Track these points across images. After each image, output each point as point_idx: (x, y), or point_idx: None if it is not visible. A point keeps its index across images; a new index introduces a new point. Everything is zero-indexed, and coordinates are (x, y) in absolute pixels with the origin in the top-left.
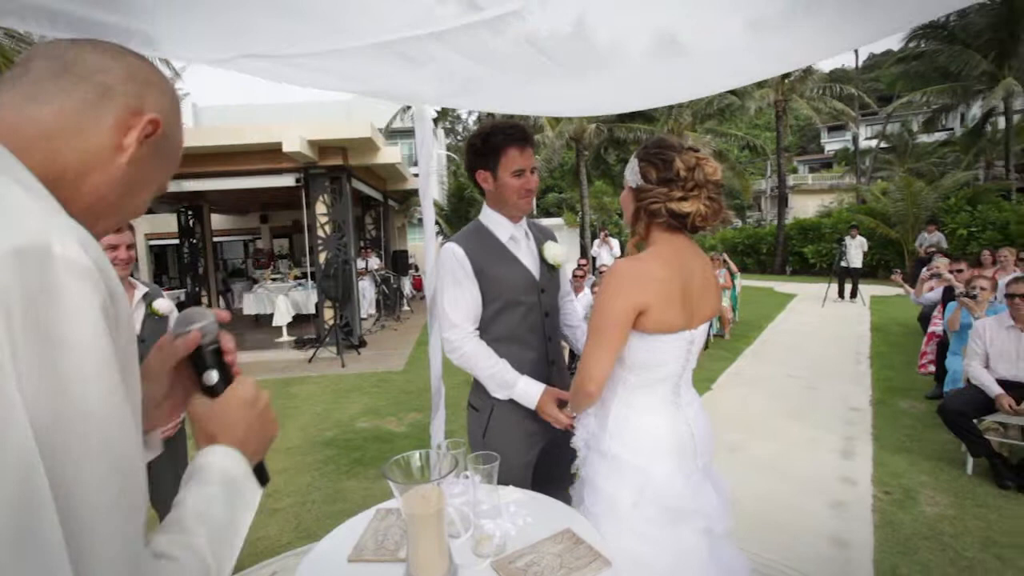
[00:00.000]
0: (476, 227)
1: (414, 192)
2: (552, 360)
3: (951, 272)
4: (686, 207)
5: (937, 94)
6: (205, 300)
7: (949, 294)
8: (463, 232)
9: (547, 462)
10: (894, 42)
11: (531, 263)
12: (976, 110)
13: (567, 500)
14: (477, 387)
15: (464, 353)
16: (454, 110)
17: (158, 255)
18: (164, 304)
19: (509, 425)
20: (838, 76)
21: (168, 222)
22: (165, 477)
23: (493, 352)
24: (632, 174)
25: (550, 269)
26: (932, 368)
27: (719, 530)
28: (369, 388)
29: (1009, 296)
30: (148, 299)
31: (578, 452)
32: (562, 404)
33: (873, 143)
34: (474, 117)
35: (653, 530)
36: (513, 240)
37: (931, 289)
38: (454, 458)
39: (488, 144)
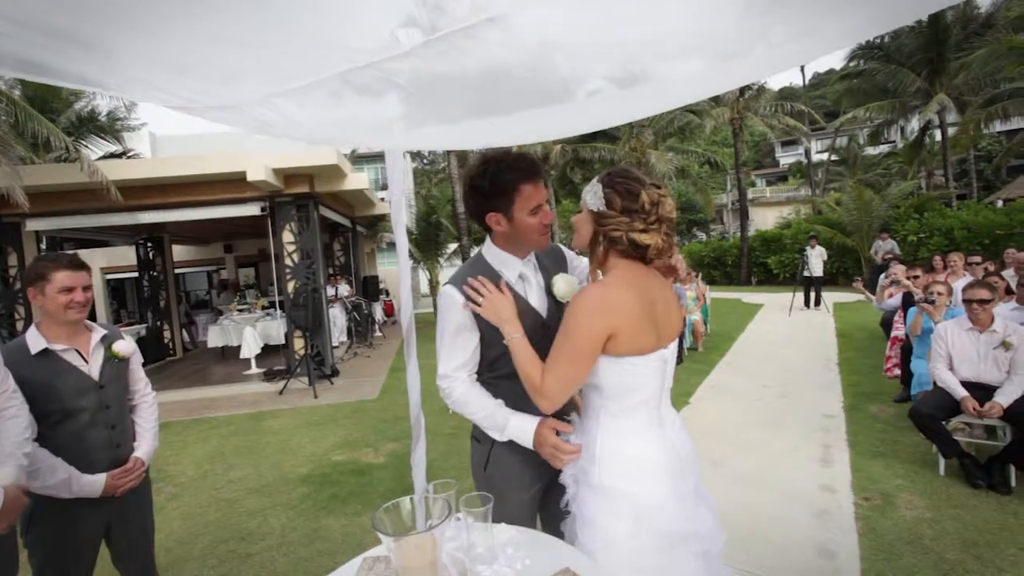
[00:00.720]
0: (481, 267)
1: (382, 217)
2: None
3: (908, 278)
4: (647, 239)
5: (878, 110)
6: (167, 334)
7: (908, 299)
8: (466, 273)
9: (553, 496)
10: (836, 61)
11: (539, 302)
12: (915, 124)
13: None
14: None
15: (455, 400)
16: None
17: (116, 289)
18: (125, 346)
19: (512, 457)
20: (787, 94)
21: (126, 255)
22: (132, 527)
23: (485, 393)
24: (594, 198)
25: (558, 303)
26: (898, 372)
27: (715, 551)
28: (343, 419)
29: (966, 301)
30: (107, 341)
31: (567, 488)
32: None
33: (824, 156)
34: None
35: (651, 559)
36: (522, 279)
37: (891, 295)
38: (446, 503)
39: (498, 184)
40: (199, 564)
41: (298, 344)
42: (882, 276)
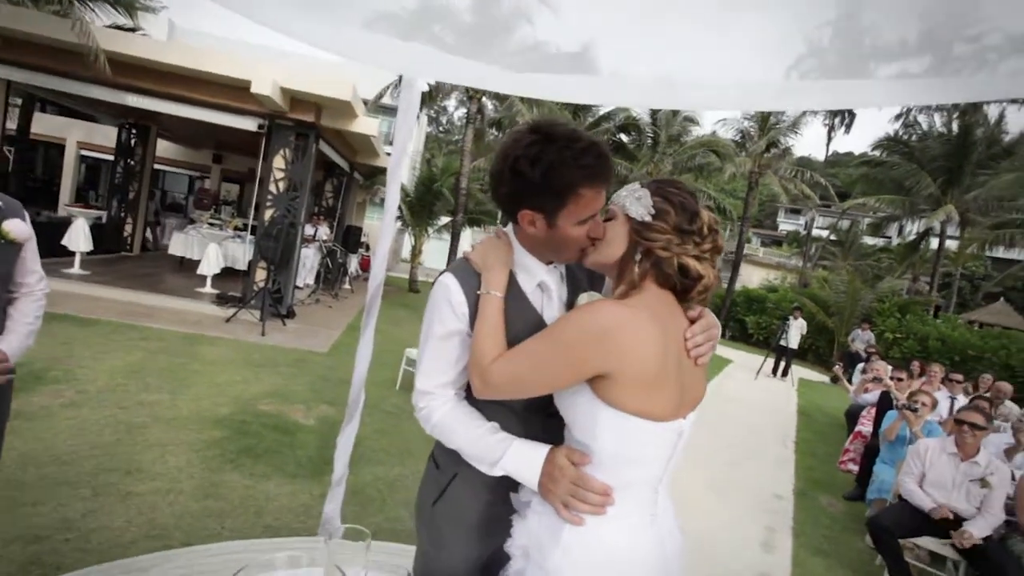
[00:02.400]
0: None
1: (383, 170)
2: (549, 442)
3: (892, 379)
4: (700, 269)
5: (888, 203)
6: (129, 228)
7: (885, 399)
8: (471, 267)
9: (502, 564)
10: (858, 146)
11: (553, 320)
12: (917, 226)
13: None
14: None
15: (435, 424)
16: (443, 97)
17: (91, 168)
18: (19, 228)
19: (475, 499)
20: (804, 163)
21: (108, 135)
22: None
23: (475, 413)
24: (637, 205)
25: None
26: (853, 467)
27: None
28: (284, 366)
29: (958, 422)
30: None
31: (513, 559)
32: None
33: (824, 233)
34: (461, 113)
35: None
36: (541, 289)
37: (868, 390)
38: (339, 571)
39: (553, 181)
40: (69, 491)
41: (260, 275)
42: (860, 366)
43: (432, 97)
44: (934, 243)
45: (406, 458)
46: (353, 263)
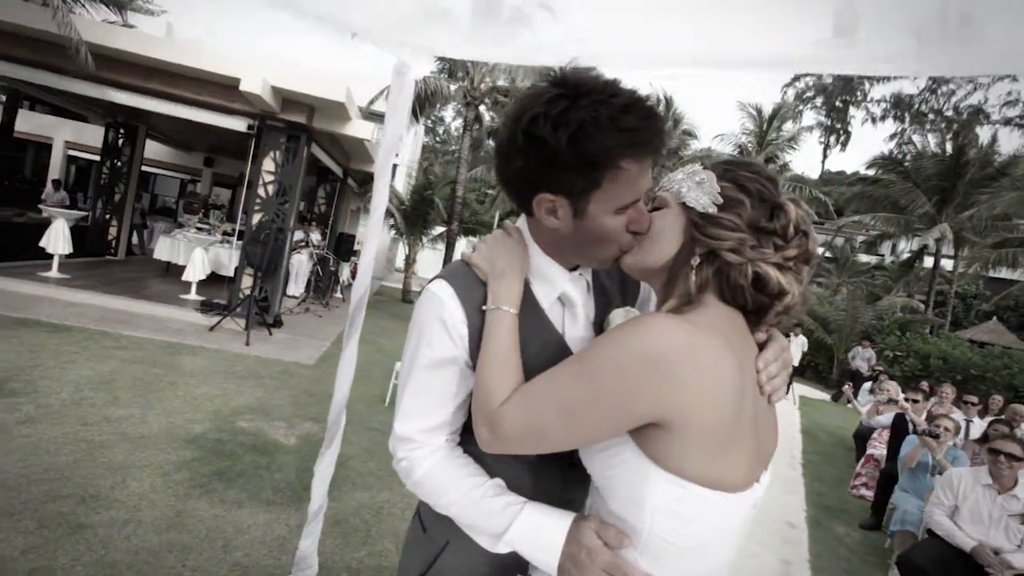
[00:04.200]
0: None
1: None
2: (570, 499)
3: (908, 401)
4: (783, 282)
5: (884, 221)
6: (114, 231)
7: (900, 421)
8: (467, 272)
9: None
10: (851, 165)
11: (580, 340)
12: (912, 245)
13: None
14: None
15: (417, 480)
16: (441, 106)
17: (82, 169)
18: None
19: (476, 572)
20: (797, 180)
21: (97, 135)
22: None
23: (471, 466)
24: (700, 192)
25: None
26: (867, 493)
27: None
28: (268, 378)
29: (993, 452)
30: None
31: None
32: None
33: (819, 250)
34: (458, 124)
35: None
36: (562, 303)
37: (881, 412)
38: None
39: (584, 146)
40: (9, 523)
41: (246, 282)
42: (866, 386)
43: (430, 104)
44: (928, 261)
45: (395, 482)
46: (345, 271)
